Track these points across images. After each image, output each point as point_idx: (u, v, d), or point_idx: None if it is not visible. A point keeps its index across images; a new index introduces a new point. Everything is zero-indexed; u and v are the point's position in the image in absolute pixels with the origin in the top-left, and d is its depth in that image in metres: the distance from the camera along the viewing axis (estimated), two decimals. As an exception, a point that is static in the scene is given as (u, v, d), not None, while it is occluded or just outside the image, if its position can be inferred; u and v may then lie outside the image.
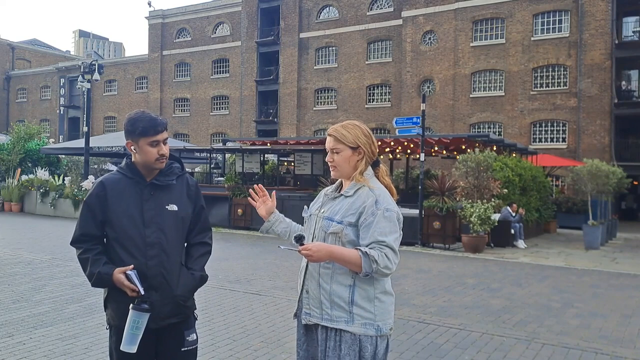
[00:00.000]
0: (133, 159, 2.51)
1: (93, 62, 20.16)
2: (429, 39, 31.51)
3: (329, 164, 2.37)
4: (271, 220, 2.53)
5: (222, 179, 20.08)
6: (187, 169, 2.68)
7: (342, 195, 2.33)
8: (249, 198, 2.63)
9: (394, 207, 2.26)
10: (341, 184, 2.42)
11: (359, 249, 2.16)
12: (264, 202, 2.54)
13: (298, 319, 2.38)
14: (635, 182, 25.46)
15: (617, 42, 26.85)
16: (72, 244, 2.48)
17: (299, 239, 2.24)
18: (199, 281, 2.56)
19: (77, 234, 2.47)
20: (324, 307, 2.23)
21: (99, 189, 2.47)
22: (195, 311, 2.62)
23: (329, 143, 2.35)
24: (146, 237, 2.42)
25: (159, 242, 2.43)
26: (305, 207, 2.51)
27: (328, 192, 2.43)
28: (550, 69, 28.38)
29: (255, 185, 2.61)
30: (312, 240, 2.32)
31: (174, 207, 2.50)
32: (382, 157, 20.11)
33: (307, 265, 2.31)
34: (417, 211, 13.13)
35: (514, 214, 14.20)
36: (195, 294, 2.58)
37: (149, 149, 2.44)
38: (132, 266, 2.37)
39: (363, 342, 2.19)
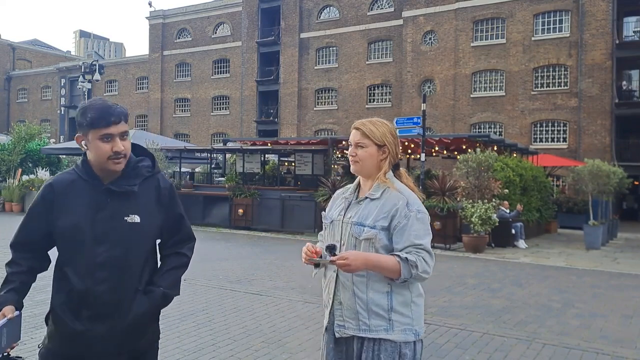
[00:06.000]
0: (88, 157, 2.05)
1: (94, 63, 20.20)
2: (430, 39, 31.51)
3: (350, 157, 2.24)
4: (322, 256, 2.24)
5: (222, 179, 20.08)
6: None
7: (367, 198, 2.20)
8: (307, 259, 2.17)
9: (424, 208, 2.17)
10: (358, 185, 2.30)
11: (397, 255, 2.05)
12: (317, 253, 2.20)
13: (328, 331, 2.22)
14: (636, 182, 25.43)
15: (617, 42, 26.84)
16: (10, 247, 2.10)
17: (332, 249, 2.06)
18: (159, 300, 2.07)
19: (13, 240, 2.08)
20: (361, 318, 2.10)
21: (45, 192, 2.03)
22: (157, 342, 2.18)
23: (355, 136, 2.23)
24: (96, 256, 1.97)
25: (111, 263, 1.98)
26: (323, 212, 2.37)
27: (347, 195, 2.29)
28: (551, 69, 28.37)
29: (307, 250, 2.17)
30: (341, 249, 2.17)
31: (136, 219, 2.02)
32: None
33: (337, 275, 2.16)
34: (417, 211, 13.11)
35: (507, 210, 14.16)
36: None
37: (99, 145, 1.97)
38: (16, 313, 1.94)
39: (402, 349, 2.09)
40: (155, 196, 2.10)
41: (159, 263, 2.19)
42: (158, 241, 2.19)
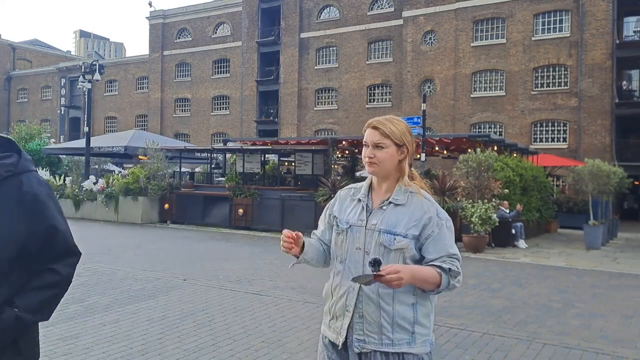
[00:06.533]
0: None
1: (94, 62, 20.19)
2: (430, 39, 31.51)
3: (367, 159, 2.07)
4: (305, 249, 2.15)
5: (222, 179, 20.08)
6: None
7: (390, 203, 2.06)
8: (284, 246, 2.12)
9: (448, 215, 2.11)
10: (370, 186, 2.15)
11: (438, 266, 1.98)
12: (297, 244, 2.11)
13: (350, 348, 2.05)
14: (636, 182, 25.43)
15: (617, 42, 26.84)
16: None
17: (378, 264, 1.83)
18: (9, 324, 1.66)
19: None
20: (385, 331, 1.99)
21: None
22: None
23: (373, 136, 2.06)
24: None
25: None
26: (335, 215, 2.17)
27: (360, 197, 2.13)
28: (551, 69, 28.38)
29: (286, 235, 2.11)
30: (365, 258, 2.02)
31: None
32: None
33: (360, 287, 2.01)
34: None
35: (507, 210, 14.16)
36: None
37: None
38: None
39: None
40: (16, 200, 1.72)
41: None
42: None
